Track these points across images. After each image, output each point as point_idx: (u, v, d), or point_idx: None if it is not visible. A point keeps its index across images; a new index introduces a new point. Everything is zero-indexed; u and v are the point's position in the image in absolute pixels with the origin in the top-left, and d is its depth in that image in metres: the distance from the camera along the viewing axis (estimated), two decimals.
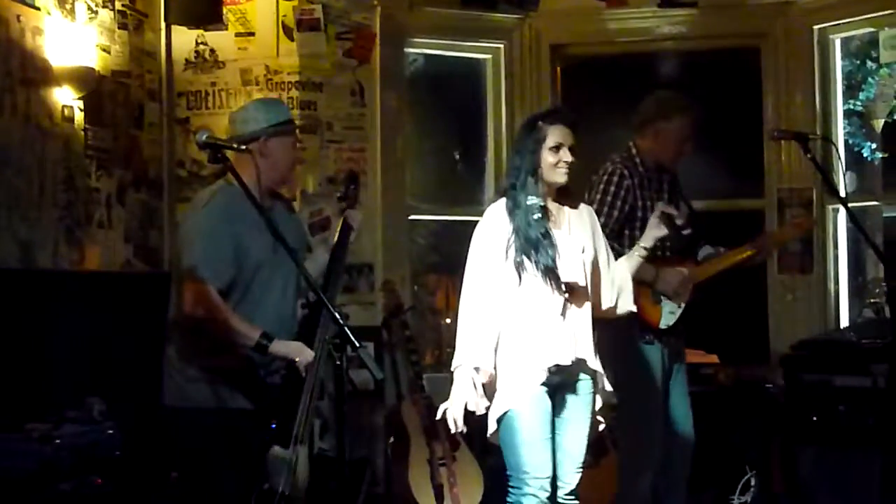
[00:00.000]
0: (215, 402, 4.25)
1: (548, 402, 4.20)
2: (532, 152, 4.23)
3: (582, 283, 4.23)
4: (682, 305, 5.15)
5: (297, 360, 4.19)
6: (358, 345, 3.79)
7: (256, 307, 4.28)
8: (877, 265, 6.94)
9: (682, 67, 7.31)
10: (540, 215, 4.18)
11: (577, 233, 4.31)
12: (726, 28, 6.95)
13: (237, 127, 4.42)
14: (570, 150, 4.23)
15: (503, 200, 4.29)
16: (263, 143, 4.35)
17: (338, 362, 3.77)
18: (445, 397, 4.08)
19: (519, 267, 4.16)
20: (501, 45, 7.07)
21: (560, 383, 4.23)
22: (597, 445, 4.64)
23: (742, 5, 6.80)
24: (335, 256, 4.50)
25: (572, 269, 4.21)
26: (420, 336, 6.73)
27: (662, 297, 5.12)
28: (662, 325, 5.14)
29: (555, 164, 4.22)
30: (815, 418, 5.59)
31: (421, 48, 7.08)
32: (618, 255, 4.66)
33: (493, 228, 4.24)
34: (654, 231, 4.56)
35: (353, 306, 6.38)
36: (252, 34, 6.50)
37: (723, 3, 6.83)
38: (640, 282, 4.79)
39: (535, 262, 4.15)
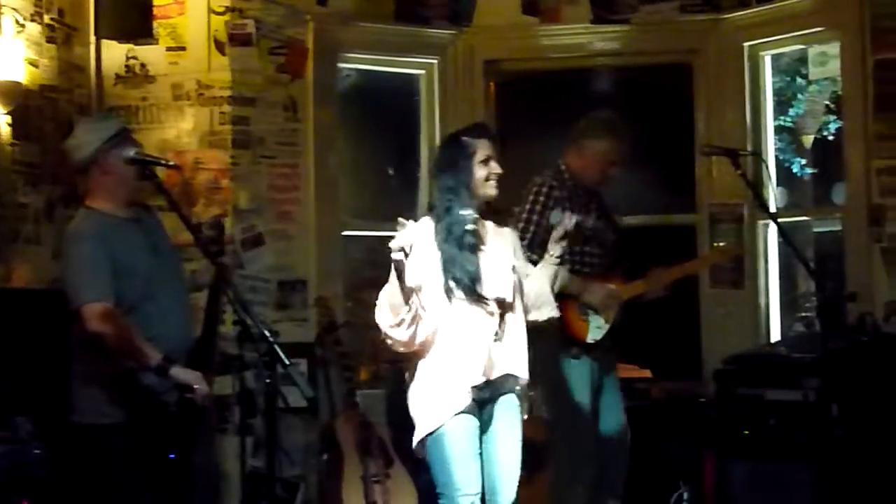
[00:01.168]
0: (122, 418, 4.26)
1: (475, 419, 4.20)
2: (464, 168, 4.23)
3: (510, 299, 4.22)
4: (610, 322, 5.17)
5: (195, 388, 4.19)
6: (288, 363, 3.78)
7: (156, 319, 4.28)
8: (807, 280, 7.02)
9: (614, 83, 7.35)
10: (474, 227, 4.17)
11: (499, 248, 4.31)
12: (658, 44, 6.99)
13: (74, 155, 4.42)
14: (497, 162, 4.26)
15: (428, 219, 4.26)
16: (104, 161, 4.34)
17: (268, 380, 3.75)
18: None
19: (448, 292, 4.14)
20: (435, 61, 7.07)
21: (488, 397, 4.23)
22: (531, 461, 4.63)
23: (674, 22, 6.84)
24: (211, 312, 4.51)
25: (499, 284, 4.20)
26: (354, 352, 6.69)
27: (589, 312, 5.14)
28: (590, 340, 5.15)
29: (486, 177, 4.24)
30: (746, 432, 5.62)
31: (354, 63, 7.05)
32: None
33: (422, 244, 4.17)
34: (557, 237, 4.43)
35: (286, 323, 6.35)
36: (183, 49, 6.43)
37: (655, 19, 6.86)
38: (567, 295, 4.79)
39: (457, 279, 4.12)
